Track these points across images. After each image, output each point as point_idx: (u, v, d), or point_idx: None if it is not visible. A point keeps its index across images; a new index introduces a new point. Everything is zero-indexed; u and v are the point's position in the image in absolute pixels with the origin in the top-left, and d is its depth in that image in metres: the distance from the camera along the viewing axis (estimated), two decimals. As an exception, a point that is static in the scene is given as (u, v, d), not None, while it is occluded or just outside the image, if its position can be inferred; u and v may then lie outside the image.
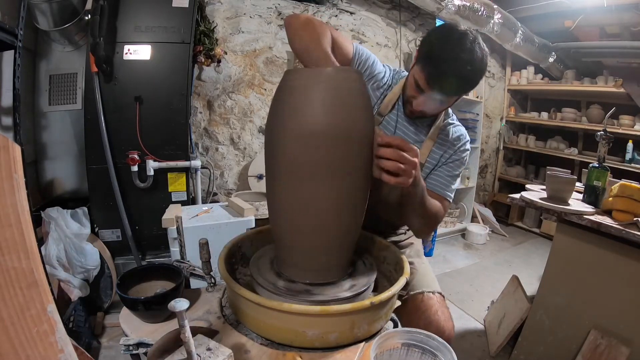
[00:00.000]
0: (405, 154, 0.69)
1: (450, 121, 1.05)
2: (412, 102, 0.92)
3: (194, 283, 1.03)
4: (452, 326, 0.99)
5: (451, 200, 1.04)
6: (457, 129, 1.05)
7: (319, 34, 0.83)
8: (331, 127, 0.68)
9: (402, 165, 0.69)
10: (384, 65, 1.05)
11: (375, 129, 0.73)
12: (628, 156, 2.95)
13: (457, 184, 1.05)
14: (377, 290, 0.88)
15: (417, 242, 1.23)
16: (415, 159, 0.71)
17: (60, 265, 1.64)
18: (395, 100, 1.02)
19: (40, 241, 1.65)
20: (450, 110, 1.06)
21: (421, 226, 0.97)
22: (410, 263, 1.07)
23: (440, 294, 1.06)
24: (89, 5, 1.82)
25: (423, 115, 0.96)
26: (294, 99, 0.70)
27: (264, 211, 1.72)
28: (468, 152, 1.05)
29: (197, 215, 1.54)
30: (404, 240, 1.20)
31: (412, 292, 1.03)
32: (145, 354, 0.69)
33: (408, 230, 1.23)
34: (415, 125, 1.03)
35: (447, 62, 0.81)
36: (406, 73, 1.03)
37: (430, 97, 0.88)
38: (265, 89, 2.71)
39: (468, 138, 1.06)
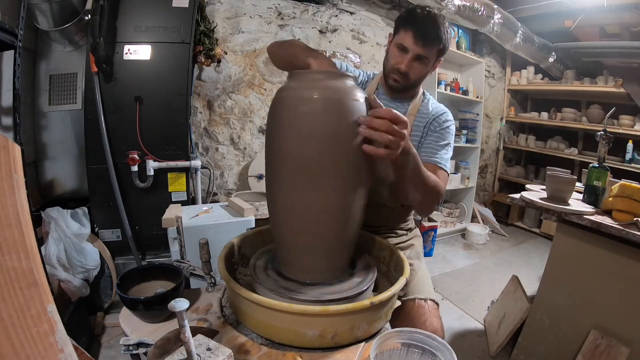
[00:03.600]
0: (395, 126, 0.68)
1: (426, 100, 1.15)
2: (400, 67, 1.01)
3: (194, 283, 1.04)
4: (442, 337, 0.91)
5: (447, 170, 1.04)
6: (437, 105, 1.14)
7: (291, 46, 0.94)
8: (331, 128, 0.68)
9: (391, 137, 0.68)
10: (359, 72, 1.20)
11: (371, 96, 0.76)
12: (628, 156, 2.95)
13: (449, 155, 1.07)
14: (377, 290, 0.88)
15: (418, 244, 1.22)
16: (405, 131, 0.70)
17: (60, 265, 1.64)
18: (375, 88, 1.15)
19: (40, 241, 1.65)
20: (427, 93, 1.18)
21: (423, 199, 0.92)
22: (410, 265, 1.06)
23: (433, 300, 1.03)
24: (89, 5, 1.82)
25: (406, 82, 1.04)
26: (294, 100, 0.70)
27: (264, 211, 1.72)
28: (452, 123, 1.11)
29: (197, 215, 1.54)
30: (405, 241, 1.19)
31: (404, 298, 1.01)
32: (145, 354, 0.69)
33: (408, 231, 1.22)
34: (395, 105, 1.11)
35: (424, 18, 0.99)
36: (377, 72, 1.19)
37: (414, 56, 0.99)
38: (265, 89, 2.71)
39: (449, 112, 1.13)
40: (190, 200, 2.09)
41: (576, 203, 1.52)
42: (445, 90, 3.21)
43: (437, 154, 1.04)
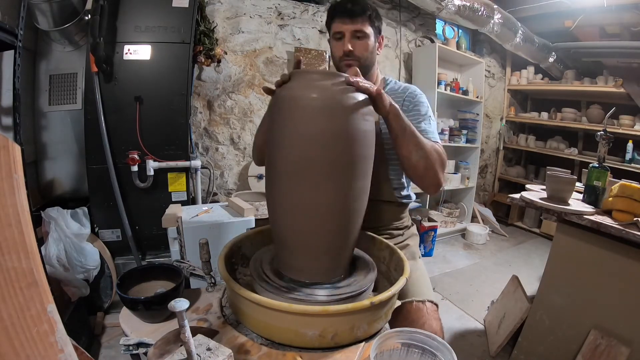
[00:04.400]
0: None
1: (390, 79, 1.19)
2: (344, 52, 1.04)
3: (194, 283, 1.04)
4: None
5: (437, 140, 1.02)
6: (401, 83, 1.17)
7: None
8: (329, 128, 0.68)
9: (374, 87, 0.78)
10: None
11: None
12: (628, 156, 2.95)
13: (434, 126, 1.09)
14: (377, 290, 0.88)
15: (413, 244, 1.20)
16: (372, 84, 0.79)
17: (60, 265, 1.64)
18: None
19: (40, 241, 1.65)
20: (389, 77, 1.22)
21: (423, 163, 0.92)
22: None
23: (432, 302, 1.00)
24: (89, 5, 1.82)
25: (358, 62, 1.05)
26: (293, 100, 0.70)
27: (264, 211, 1.72)
28: (421, 94, 1.13)
29: (197, 215, 1.54)
30: (400, 242, 1.18)
31: (402, 300, 0.99)
32: (145, 354, 0.69)
33: (405, 229, 1.22)
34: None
35: None
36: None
37: (352, 33, 1.03)
38: (265, 89, 2.71)
39: (414, 86, 1.15)
40: (190, 200, 2.09)
41: (576, 203, 1.52)
42: (445, 90, 3.21)
43: (420, 129, 1.01)
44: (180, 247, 1.36)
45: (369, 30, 1.05)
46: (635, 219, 1.28)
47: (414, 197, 1.24)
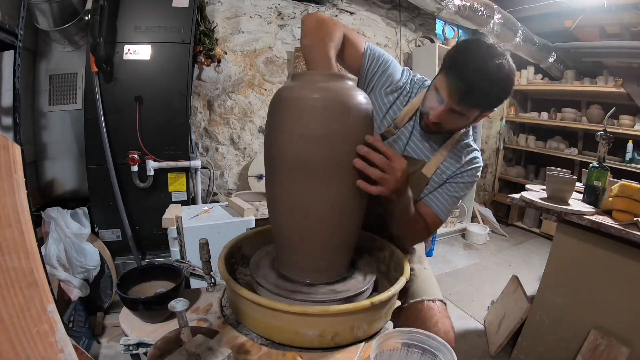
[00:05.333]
0: (391, 163, 0.68)
1: (466, 142, 1.00)
2: (430, 114, 0.87)
3: (194, 283, 1.04)
4: (453, 338, 0.92)
5: (444, 220, 1.00)
6: (473, 153, 1.00)
7: (326, 34, 0.83)
8: (331, 128, 0.68)
9: (385, 175, 0.69)
10: (404, 69, 1.02)
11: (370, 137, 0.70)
12: (628, 156, 2.95)
13: (455, 206, 1.02)
14: (377, 290, 0.88)
15: (419, 248, 1.20)
16: (399, 173, 0.70)
17: (60, 265, 1.64)
18: (413, 112, 0.97)
19: (40, 241, 1.65)
20: (470, 129, 1.02)
21: (401, 236, 0.95)
22: (411, 269, 1.04)
23: (441, 301, 0.99)
24: (89, 5, 1.82)
25: (439, 130, 0.90)
26: (294, 100, 0.70)
27: (264, 211, 1.72)
28: (477, 178, 1.02)
29: (197, 215, 1.54)
30: None
31: (411, 300, 0.99)
32: (145, 354, 0.69)
33: None
34: (429, 141, 0.98)
35: (472, 74, 0.77)
36: (429, 82, 0.99)
37: (450, 109, 0.83)
38: (265, 89, 2.71)
39: (481, 164, 1.01)
40: (190, 200, 2.09)
41: (576, 203, 1.52)
42: (445, 90, 3.21)
43: (447, 208, 0.98)
44: (180, 247, 1.36)
45: (473, 115, 0.85)
46: (635, 219, 1.28)
47: None
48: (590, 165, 1.52)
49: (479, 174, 1.02)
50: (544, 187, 1.68)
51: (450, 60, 0.82)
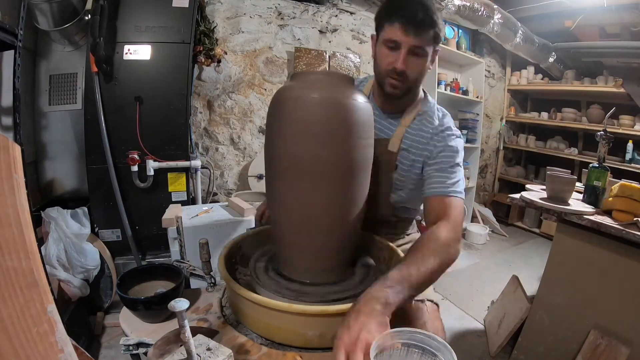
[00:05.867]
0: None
1: (431, 112, 1.01)
2: (395, 68, 0.88)
3: (194, 283, 1.04)
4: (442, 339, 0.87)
5: (462, 196, 0.91)
6: (440, 111, 1.02)
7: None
8: (331, 128, 0.68)
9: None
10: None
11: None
12: (628, 156, 2.95)
13: (461, 175, 0.94)
14: (377, 290, 0.87)
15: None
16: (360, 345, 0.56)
17: (60, 265, 1.64)
18: (367, 97, 1.00)
19: (40, 241, 1.65)
20: (429, 96, 1.05)
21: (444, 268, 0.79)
22: None
23: (432, 301, 0.95)
24: (89, 5, 1.82)
25: (405, 83, 0.91)
26: (294, 100, 0.70)
27: (264, 211, 1.72)
28: (455, 135, 0.98)
29: (197, 215, 1.54)
30: (402, 245, 1.17)
31: None
32: (145, 354, 0.69)
33: (408, 234, 1.21)
34: (388, 118, 1.01)
35: (408, 3, 0.85)
36: (368, 76, 1.07)
37: (409, 50, 0.86)
38: (265, 89, 2.71)
39: (450, 119, 1.01)
40: (190, 200, 2.09)
41: (576, 203, 1.52)
42: (445, 90, 3.21)
43: (447, 181, 0.91)
44: (180, 247, 1.36)
45: (430, 48, 0.89)
46: (635, 219, 1.28)
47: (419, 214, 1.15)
48: (590, 165, 1.52)
49: (453, 126, 1.00)
50: (544, 187, 1.68)
51: (385, 13, 0.89)
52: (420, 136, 0.98)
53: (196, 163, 2.02)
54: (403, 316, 0.92)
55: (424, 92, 1.05)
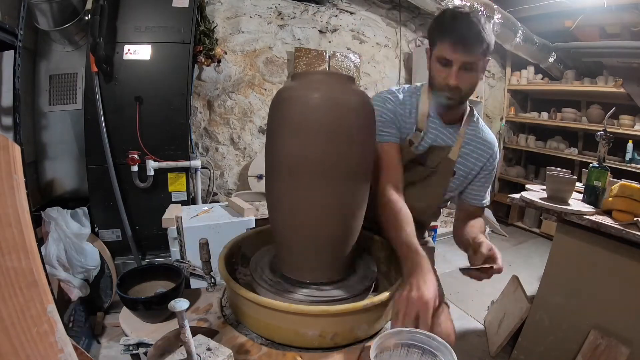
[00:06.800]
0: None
1: (475, 122, 1.10)
2: (449, 81, 0.92)
3: (194, 283, 1.03)
4: (453, 341, 0.89)
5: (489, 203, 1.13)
6: (487, 131, 1.10)
7: (397, 222, 0.86)
8: (331, 128, 0.68)
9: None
10: (389, 95, 1.06)
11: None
12: (628, 156, 2.95)
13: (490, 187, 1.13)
14: (377, 290, 0.87)
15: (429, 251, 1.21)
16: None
17: (60, 265, 1.64)
18: (427, 111, 1.04)
19: (40, 241, 1.65)
20: (475, 113, 1.12)
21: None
22: None
23: (446, 303, 1.00)
24: (89, 5, 1.83)
25: (458, 95, 0.96)
26: (295, 100, 0.70)
27: (264, 211, 1.72)
28: (498, 156, 1.12)
29: (197, 215, 1.54)
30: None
31: None
32: (145, 354, 0.69)
33: (424, 239, 1.23)
34: (447, 127, 1.06)
35: (462, 22, 0.89)
36: (420, 84, 1.08)
37: (461, 66, 0.90)
38: (265, 89, 2.71)
39: (496, 142, 1.11)
40: (190, 200, 2.09)
41: (576, 203, 1.52)
42: (445, 90, 3.21)
43: (485, 196, 1.11)
44: (180, 247, 1.36)
45: (481, 62, 0.94)
46: (635, 219, 1.28)
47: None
48: (590, 165, 1.52)
49: (496, 148, 1.10)
50: (544, 187, 1.68)
51: (438, 29, 0.93)
52: (474, 146, 1.07)
53: (196, 163, 2.02)
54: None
55: (470, 108, 1.13)
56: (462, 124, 1.06)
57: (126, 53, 1.81)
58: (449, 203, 1.20)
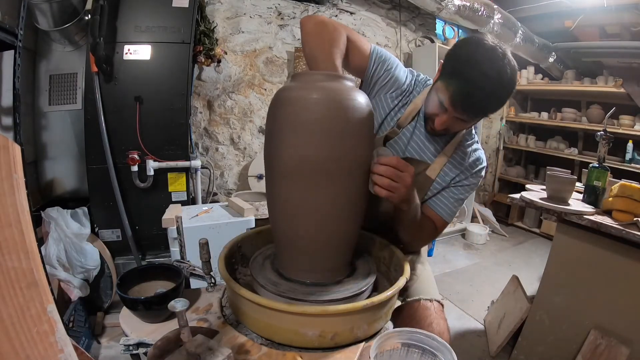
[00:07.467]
0: (399, 172, 0.71)
1: (470, 142, 1.00)
2: (435, 120, 0.87)
3: (194, 283, 1.04)
4: (448, 339, 0.89)
5: (450, 222, 1.03)
6: (477, 153, 1.00)
7: (330, 41, 0.81)
8: (330, 128, 0.68)
9: (394, 183, 0.71)
10: (407, 71, 1.00)
11: (380, 149, 0.75)
12: (628, 156, 2.95)
13: (459, 207, 1.04)
14: (377, 290, 0.87)
15: (423, 250, 1.20)
16: (409, 180, 0.73)
17: (60, 265, 1.64)
18: (415, 112, 0.97)
19: (40, 241, 1.65)
20: (473, 128, 1.01)
21: (409, 241, 0.99)
22: (414, 269, 1.06)
23: (438, 301, 0.98)
24: (89, 5, 1.83)
25: (446, 133, 0.92)
26: (294, 101, 0.70)
27: (264, 211, 1.72)
28: (481, 179, 1.03)
29: (197, 215, 1.54)
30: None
31: (408, 299, 0.98)
32: (145, 354, 0.69)
33: None
34: (433, 142, 0.98)
35: (474, 82, 0.75)
36: (431, 81, 0.97)
37: (454, 117, 0.83)
38: (265, 89, 2.71)
39: (485, 164, 1.02)
40: (190, 200, 2.09)
41: (576, 203, 1.52)
42: (445, 90, 3.21)
43: (451, 210, 1.00)
44: (180, 247, 1.36)
45: (477, 119, 0.87)
46: (635, 219, 1.28)
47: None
48: (590, 165, 1.52)
49: (483, 173, 1.02)
50: (544, 187, 1.68)
51: (450, 66, 0.81)
52: (455, 166, 0.99)
53: (196, 163, 2.02)
54: (412, 315, 0.94)
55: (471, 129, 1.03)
56: (450, 142, 0.98)
57: (126, 53, 1.81)
58: None
